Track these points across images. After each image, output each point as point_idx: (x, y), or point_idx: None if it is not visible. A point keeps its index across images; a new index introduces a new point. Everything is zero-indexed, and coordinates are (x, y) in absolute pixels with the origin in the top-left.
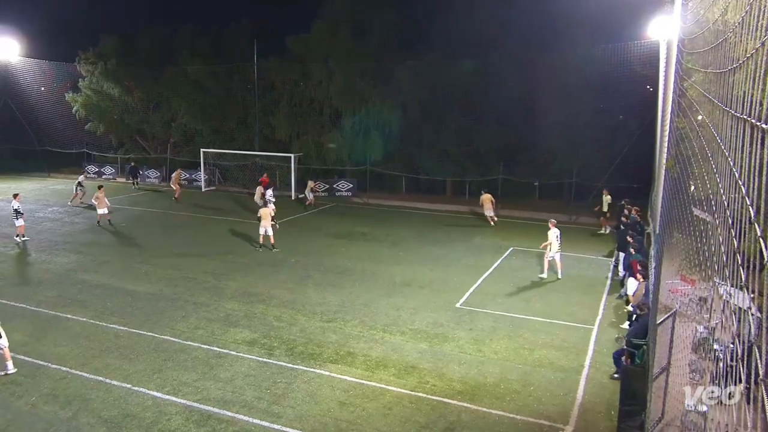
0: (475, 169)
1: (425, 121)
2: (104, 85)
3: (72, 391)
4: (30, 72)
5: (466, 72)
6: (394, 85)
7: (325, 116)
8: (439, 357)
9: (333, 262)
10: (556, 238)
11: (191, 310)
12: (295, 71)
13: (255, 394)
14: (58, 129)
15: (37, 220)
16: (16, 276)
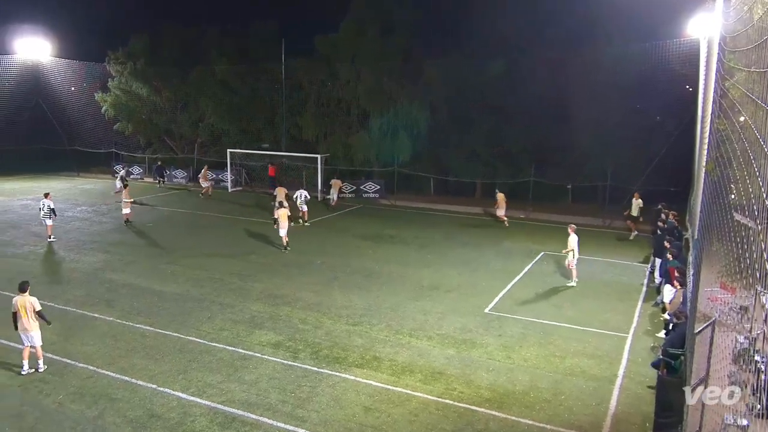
0: (505, 170)
1: (454, 121)
2: (133, 85)
3: (98, 390)
4: (61, 72)
5: (495, 70)
6: (423, 85)
7: (353, 116)
8: (467, 363)
9: (359, 264)
10: (573, 245)
11: (217, 311)
12: (322, 71)
13: (279, 397)
14: (88, 129)
15: (66, 220)
16: (45, 275)
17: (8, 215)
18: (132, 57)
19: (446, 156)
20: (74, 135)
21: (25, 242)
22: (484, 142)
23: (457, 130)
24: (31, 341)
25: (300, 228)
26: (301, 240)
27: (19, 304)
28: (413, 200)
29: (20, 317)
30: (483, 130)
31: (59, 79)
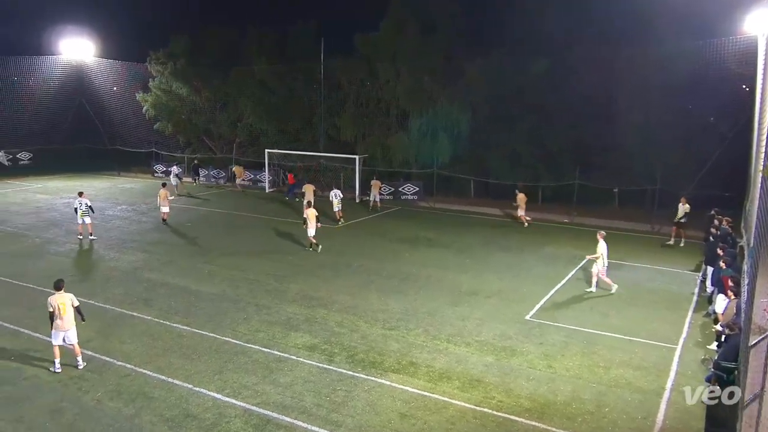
0: (548, 173)
1: (495, 121)
2: (173, 85)
3: (136, 389)
4: (104, 72)
5: (538, 70)
6: (463, 85)
7: (392, 117)
8: (507, 371)
9: (397, 267)
10: (602, 252)
11: (252, 312)
12: (361, 70)
13: (314, 400)
14: (128, 128)
15: (107, 218)
16: (85, 272)
17: (51, 213)
18: (173, 57)
19: (487, 158)
20: (115, 135)
21: (67, 240)
22: (526, 143)
23: (498, 131)
24: (68, 340)
25: (337, 228)
26: (338, 242)
27: (58, 302)
28: (452, 203)
29: (58, 316)
30: (524, 130)
31: (102, 79)
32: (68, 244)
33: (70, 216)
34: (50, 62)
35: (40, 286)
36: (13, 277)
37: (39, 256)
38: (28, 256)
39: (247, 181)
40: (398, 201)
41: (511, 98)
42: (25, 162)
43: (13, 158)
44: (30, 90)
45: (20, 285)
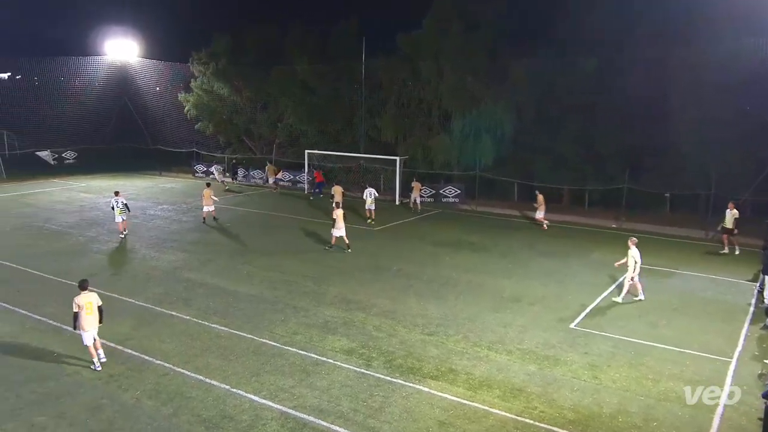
0: (595, 176)
1: (541, 123)
2: (215, 85)
3: (174, 388)
4: (147, 73)
5: (587, 70)
6: (508, 85)
7: (434, 117)
8: (549, 381)
9: (437, 271)
10: (636, 259)
11: (290, 314)
12: (403, 70)
13: (351, 405)
14: (170, 128)
15: (148, 218)
16: (127, 271)
17: (94, 212)
18: (214, 57)
19: (531, 160)
20: (157, 134)
21: (109, 239)
22: (573, 145)
23: (544, 133)
24: (94, 337)
25: (375, 230)
26: (377, 245)
27: (84, 302)
28: (495, 206)
29: (83, 316)
30: (571, 132)
31: (145, 79)
32: (110, 242)
33: (112, 215)
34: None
35: None
36: (57, 275)
37: (82, 254)
38: (72, 254)
39: (279, 180)
40: (439, 204)
41: (557, 99)
42: (70, 161)
43: (59, 157)
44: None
45: (64, 282)
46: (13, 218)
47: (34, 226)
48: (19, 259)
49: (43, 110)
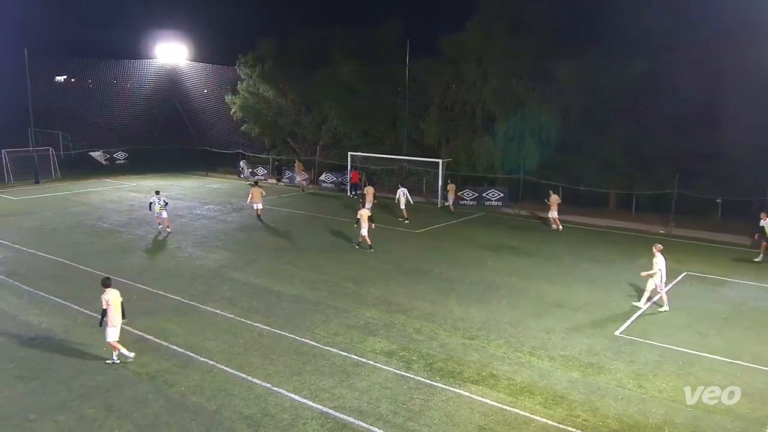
0: (643, 181)
1: (587, 126)
2: (260, 88)
3: (217, 385)
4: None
5: (636, 72)
6: (554, 87)
7: (477, 120)
8: (593, 389)
9: (479, 275)
10: (661, 267)
11: (331, 315)
12: (447, 72)
13: (391, 407)
14: (217, 130)
15: (194, 217)
16: (173, 269)
17: (143, 211)
18: (260, 60)
19: (577, 164)
20: (204, 136)
21: (157, 237)
22: (620, 149)
23: (591, 136)
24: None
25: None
26: (419, 247)
27: (112, 299)
28: (539, 210)
29: (112, 312)
30: (619, 136)
31: (193, 82)
32: (158, 241)
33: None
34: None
35: (132, 281)
36: (107, 272)
37: (131, 252)
38: (121, 252)
39: (307, 179)
40: (482, 207)
41: (604, 102)
42: (121, 161)
43: (110, 157)
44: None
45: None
46: (67, 216)
47: (87, 224)
48: (73, 257)
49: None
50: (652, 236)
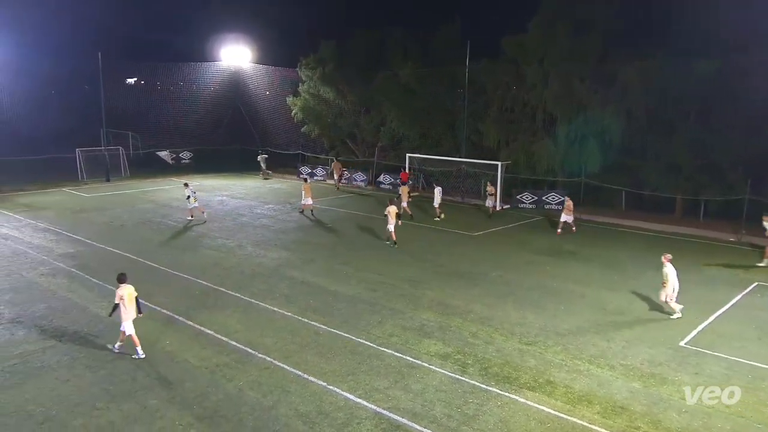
0: (713, 186)
1: (653, 129)
2: (321, 90)
3: (274, 382)
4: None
5: (705, 73)
6: (618, 89)
7: (538, 122)
8: (655, 400)
9: (537, 280)
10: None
11: (387, 316)
12: (508, 74)
13: (445, 411)
14: (278, 131)
15: (255, 216)
16: (234, 267)
17: (206, 210)
18: (321, 62)
19: (641, 167)
20: (266, 137)
21: (219, 235)
22: (687, 152)
23: (656, 139)
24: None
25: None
26: (476, 251)
27: (126, 294)
28: (600, 214)
29: (125, 307)
30: (686, 139)
31: (256, 84)
32: (219, 239)
33: (222, 213)
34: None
35: (193, 276)
36: (170, 267)
37: (193, 249)
38: (184, 249)
39: (345, 178)
40: (541, 210)
41: (671, 104)
42: (186, 161)
43: (176, 157)
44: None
45: (176, 275)
46: (135, 213)
47: (153, 221)
48: (139, 252)
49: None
50: (721, 244)
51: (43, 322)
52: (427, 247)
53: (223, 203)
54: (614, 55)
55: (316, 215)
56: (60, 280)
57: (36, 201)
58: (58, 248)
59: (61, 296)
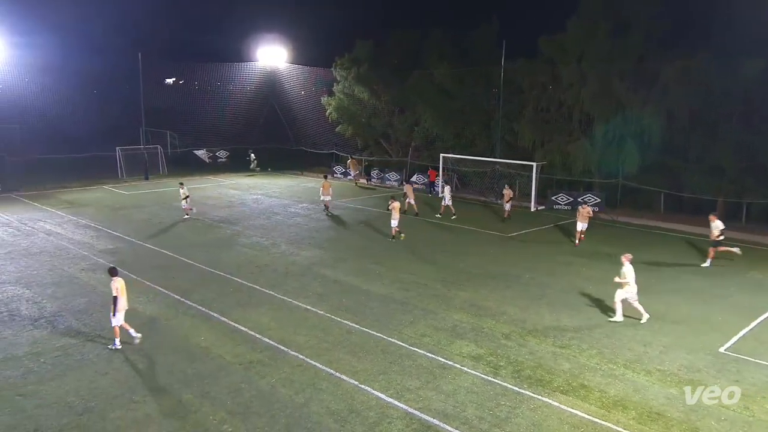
0: (757, 188)
1: (694, 130)
2: (355, 89)
3: (306, 379)
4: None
5: (750, 73)
6: (658, 89)
7: (574, 123)
8: (693, 408)
9: (571, 282)
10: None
11: (419, 316)
12: (544, 73)
13: (476, 412)
14: (312, 130)
15: (289, 215)
16: (268, 265)
17: (242, 208)
18: (356, 62)
19: (682, 169)
20: (300, 136)
21: (254, 233)
22: (731, 155)
23: (698, 141)
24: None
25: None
26: (509, 252)
27: (121, 286)
28: (638, 216)
29: (121, 298)
30: (730, 140)
31: (291, 84)
32: (254, 237)
33: (258, 212)
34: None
35: (228, 274)
36: (206, 264)
37: (229, 246)
38: (220, 247)
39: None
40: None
41: (714, 104)
42: (223, 160)
43: (213, 156)
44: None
45: (212, 272)
46: (172, 211)
47: (190, 219)
48: (176, 249)
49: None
50: (764, 248)
51: (84, 316)
52: (460, 247)
53: (257, 202)
54: (655, 54)
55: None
56: (100, 276)
57: (77, 198)
58: (98, 244)
59: (101, 291)
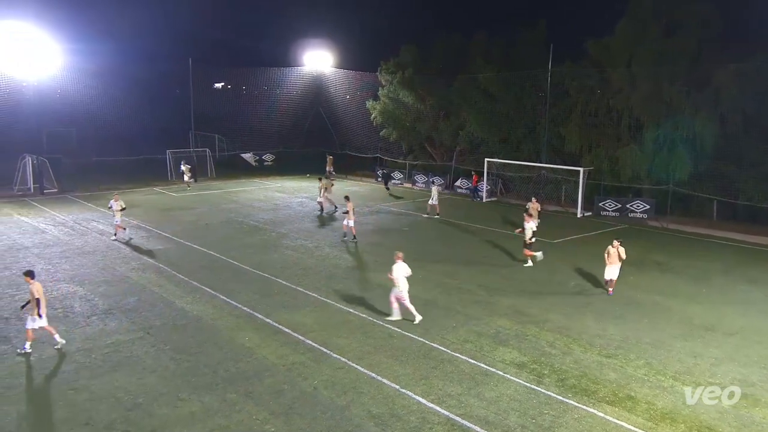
0: None
1: (749, 135)
2: (400, 94)
3: (348, 382)
4: (339, 82)
5: None
6: (711, 93)
7: (623, 127)
8: (746, 423)
9: (618, 290)
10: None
11: (462, 322)
12: (592, 77)
13: (519, 420)
14: (357, 134)
15: (332, 218)
16: (312, 268)
17: (287, 211)
18: (401, 67)
19: (736, 176)
20: (345, 140)
21: (298, 236)
22: None
23: (754, 147)
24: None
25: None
26: (554, 258)
27: (40, 290)
28: (689, 224)
29: (44, 302)
30: None
31: (337, 88)
32: (299, 239)
33: (302, 214)
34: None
35: (274, 276)
36: (251, 266)
37: (274, 249)
38: (265, 249)
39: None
40: (625, 218)
41: None
42: (269, 163)
43: (259, 159)
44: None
45: (257, 273)
46: (220, 213)
47: (236, 221)
48: (223, 250)
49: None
50: None
51: (133, 315)
52: (503, 253)
53: (302, 205)
54: (708, 57)
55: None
56: (149, 275)
57: (128, 199)
58: (147, 244)
59: (150, 290)
